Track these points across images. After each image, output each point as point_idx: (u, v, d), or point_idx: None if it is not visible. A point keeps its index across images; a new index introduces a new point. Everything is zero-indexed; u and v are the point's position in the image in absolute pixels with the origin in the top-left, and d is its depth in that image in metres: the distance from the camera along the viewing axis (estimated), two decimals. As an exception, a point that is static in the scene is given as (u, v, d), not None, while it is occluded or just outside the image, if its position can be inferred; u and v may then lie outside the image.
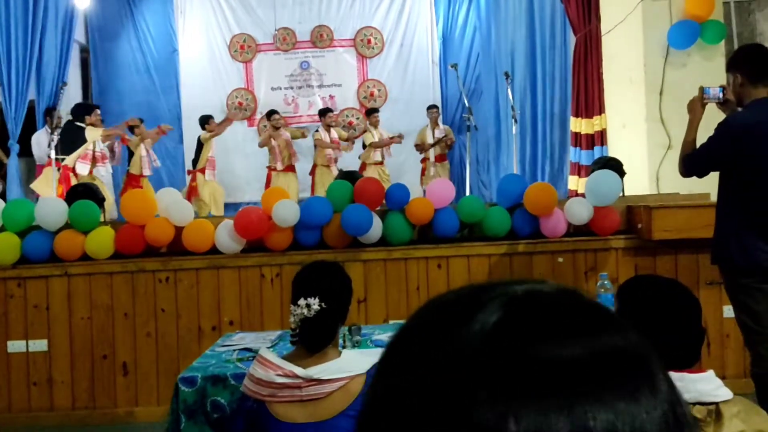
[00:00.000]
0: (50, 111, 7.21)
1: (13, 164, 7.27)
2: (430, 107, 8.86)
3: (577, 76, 6.25)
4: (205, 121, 8.31)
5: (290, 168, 8.53)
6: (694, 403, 1.44)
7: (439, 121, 8.85)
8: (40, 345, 4.19)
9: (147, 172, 7.69)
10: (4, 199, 5.18)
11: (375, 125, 8.73)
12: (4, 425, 4.15)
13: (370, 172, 8.25)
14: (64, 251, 4.20)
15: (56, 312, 4.21)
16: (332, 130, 8.65)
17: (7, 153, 7.41)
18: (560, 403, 0.35)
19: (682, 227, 4.12)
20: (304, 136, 8.68)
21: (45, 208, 4.27)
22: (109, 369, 4.22)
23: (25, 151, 7.41)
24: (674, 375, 1.01)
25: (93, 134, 7.02)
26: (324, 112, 8.71)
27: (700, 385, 1.46)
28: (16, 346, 4.20)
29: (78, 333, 4.21)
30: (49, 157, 6.19)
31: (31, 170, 7.77)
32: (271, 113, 8.65)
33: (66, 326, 4.21)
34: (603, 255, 4.37)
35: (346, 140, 8.81)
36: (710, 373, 1.50)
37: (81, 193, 4.50)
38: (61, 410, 4.21)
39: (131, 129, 7.87)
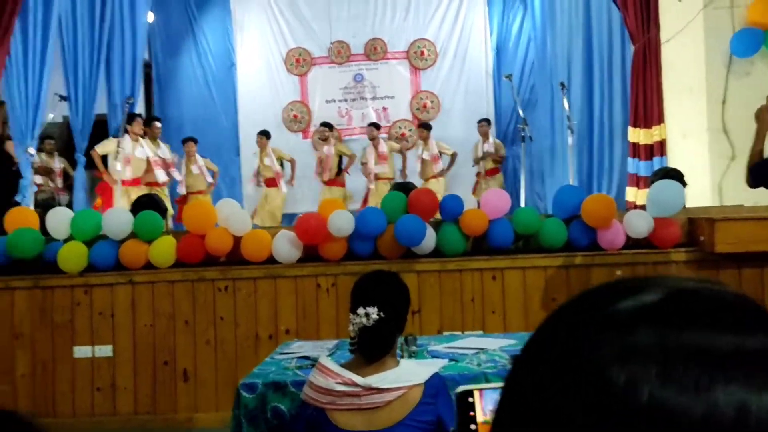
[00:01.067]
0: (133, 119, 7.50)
1: (80, 176, 7.57)
2: (479, 121, 8.90)
3: (635, 85, 6.13)
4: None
5: (334, 182, 8.68)
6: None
7: (490, 135, 8.84)
8: (105, 351, 4.34)
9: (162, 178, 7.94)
10: (71, 210, 5.40)
11: (424, 140, 8.81)
12: (68, 429, 4.30)
13: (430, 185, 8.33)
14: (128, 260, 4.35)
15: (121, 319, 4.36)
16: (382, 143, 8.75)
17: (74, 165, 7.73)
18: (696, 384, 0.36)
19: (747, 240, 3.99)
20: (350, 158, 8.84)
21: (111, 218, 4.43)
22: (170, 375, 4.34)
23: (91, 164, 7.71)
24: None
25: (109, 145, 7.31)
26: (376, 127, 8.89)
27: None
28: (82, 351, 4.36)
29: (141, 339, 4.35)
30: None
31: (95, 181, 8.07)
32: (322, 125, 8.91)
33: (130, 333, 4.35)
34: (663, 268, 4.26)
35: (399, 152, 8.92)
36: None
37: (145, 203, 4.66)
38: (124, 415, 4.34)
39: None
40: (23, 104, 6.43)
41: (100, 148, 7.37)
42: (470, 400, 0.68)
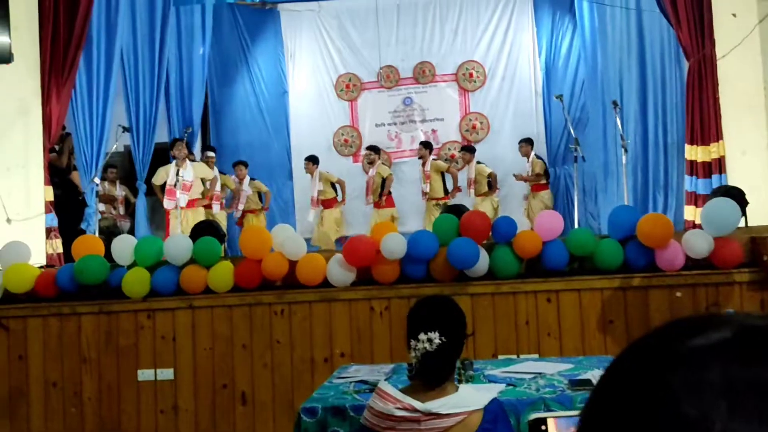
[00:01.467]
0: (174, 143, 7.71)
1: (141, 204, 7.84)
2: (520, 141, 9.04)
3: (691, 102, 6.02)
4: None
5: (380, 204, 8.76)
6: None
7: (532, 153, 8.83)
8: (167, 374, 4.46)
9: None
10: (133, 236, 5.59)
11: (467, 162, 8.88)
12: (132, 449, 4.42)
13: (478, 205, 8.37)
14: (188, 285, 4.48)
15: (182, 343, 4.47)
16: (428, 162, 8.82)
17: (136, 193, 8.01)
18: (761, 416, 0.39)
19: (814, 259, 3.85)
20: (387, 179, 8.88)
21: (172, 244, 4.58)
22: (229, 398, 4.42)
23: (151, 190, 7.98)
24: None
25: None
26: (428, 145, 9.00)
27: None
28: (145, 374, 4.48)
29: (201, 363, 4.45)
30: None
31: (155, 208, 8.34)
32: (368, 149, 9.04)
33: (190, 356, 4.46)
34: (726, 290, 4.15)
35: (447, 171, 8.97)
36: None
37: (204, 229, 4.79)
38: (185, 436, 4.44)
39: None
40: (88, 135, 6.71)
41: (157, 179, 7.65)
42: (543, 428, 0.70)
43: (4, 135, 5.79)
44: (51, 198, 6.14)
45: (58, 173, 7.40)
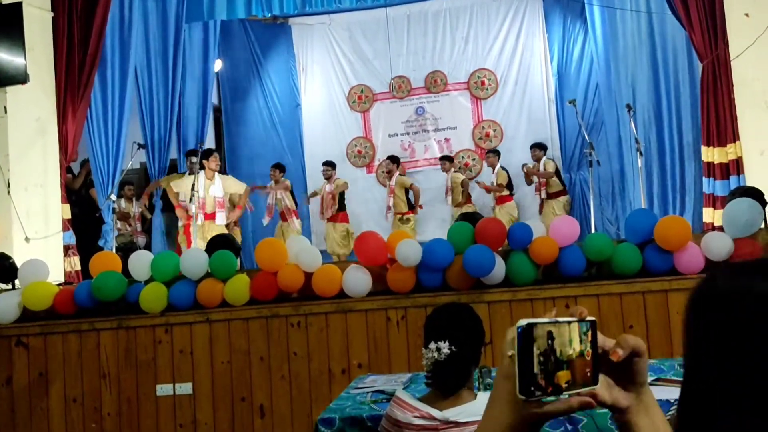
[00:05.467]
0: (190, 154, 7.68)
1: (157, 220, 7.90)
2: (488, 152, 9.11)
3: (706, 103, 5.97)
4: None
5: (336, 218, 8.84)
6: None
7: (497, 166, 8.81)
8: (185, 388, 4.46)
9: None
10: (150, 252, 5.61)
11: (491, 165, 8.89)
12: (152, 464, 4.42)
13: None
14: (205, 299, 4.49)
15: (199, 356, 4.48)
16: (394, 178, 8.86)
17: (152, 209, 8.07)
18: None
19: (838, 259, 3.78)
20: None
21: (189, 258, 4.60)
22: (248, 411, 4.42)
23: (167, 206, 8.03)
24: None
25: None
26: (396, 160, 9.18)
27: None
28: (164, 389, 4.49)
29: (219, 376, 4.45)
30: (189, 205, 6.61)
31: (171, 223, 8.38)
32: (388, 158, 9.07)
33: (208, 370, 4.46)
34: (747, 291, 4.08)
35: (410, 187, 9.02)
36: None
37: (220, 243, 4.81)
38: (205, 450, 4.44)
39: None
40: (104, 153, 6.78)
41: (176, 186, 7.15)
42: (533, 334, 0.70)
43: (22, 155, 5.87)
44: (68, 216, 6.20)
45: (75, 191, 7.48)
